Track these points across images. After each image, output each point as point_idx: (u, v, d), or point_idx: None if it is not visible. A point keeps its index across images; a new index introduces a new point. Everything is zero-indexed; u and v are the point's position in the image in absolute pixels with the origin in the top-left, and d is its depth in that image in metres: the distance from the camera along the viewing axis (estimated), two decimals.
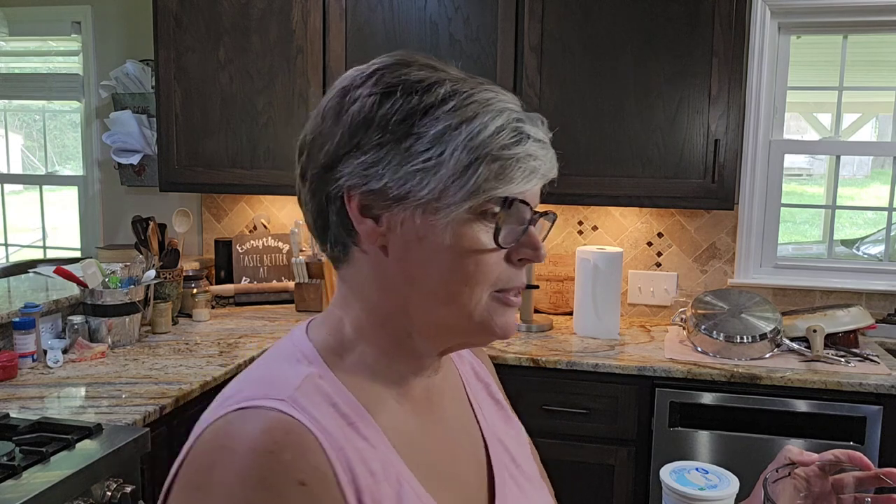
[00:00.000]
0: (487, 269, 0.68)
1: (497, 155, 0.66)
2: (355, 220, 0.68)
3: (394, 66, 0.70)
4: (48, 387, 1.99)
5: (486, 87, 0.69)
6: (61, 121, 3.77)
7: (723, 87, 2.42)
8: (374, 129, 0.66)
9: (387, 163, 0.66)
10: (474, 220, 0.66)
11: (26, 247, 3.85)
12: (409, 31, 2.60)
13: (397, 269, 0.69)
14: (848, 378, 2.14)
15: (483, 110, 0.67)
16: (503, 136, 0.66)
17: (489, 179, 0.66)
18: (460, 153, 0.65)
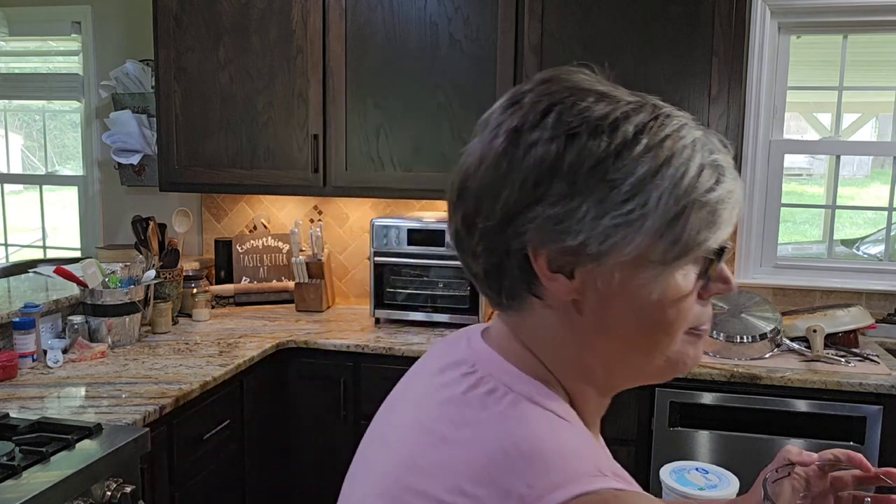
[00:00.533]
0: (688, 314, 0.63)
1: (704, 200, 0.59)
2: (544, 277, 0.61)
3: (568, 98, 0.62)
4: (48, 387, 1.99)
5: (667, 113, 0.62)
6: (61, 121, 3.77)
7: (723, 87, 2.42)
8: (562, 178, 0.58)
9: (581, 216, 0.58)
10: (679, 271, 0.61)
11: (26, 247, 3.85)
12: (409, 31, 2.60)
13: (591, 322, 0.63)
14: (848, 378, 2.14)
15: (678, 147, 0.60)
16: (705, 176, 0.60)
17: (701, 230, 0.59)
18: (666, 202, 0.58)
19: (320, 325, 2.72)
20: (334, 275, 3.12)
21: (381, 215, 2.77)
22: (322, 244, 2.95)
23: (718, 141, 0.64)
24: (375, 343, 2.46)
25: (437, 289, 2.66)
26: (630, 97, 0.63)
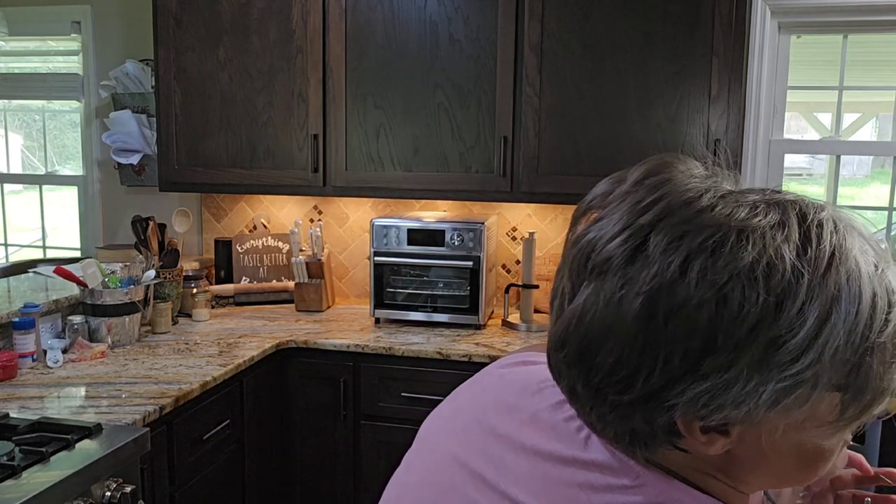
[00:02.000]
0: (833, 457, 0.56)
1: (884, 339, 0.49)
2: (694, 438, 0.53)
3: (703, 241, 0.50)
4: (48, 387, 1.99)
5: (812, 218, 0.51)
6: (61, 121, 3.77)
7: (723, 87, 2.42)
8: (717, 347, 0.49)
9: (742, 385, 0.49)
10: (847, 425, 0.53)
11: (26, 247, 3.85)
12: (409, 31, 2.60)
13: (745, 467, 0.56)
14: None
15: (843, 279, 0.49)
16: (880, 306, 0.50)
17: (885, 373, 0.50)
18: (843, 353, 0.48)
19: (320, 325, 2.72)
20: (334, 275, 3.12)
21: (381, 215, 2.77)
22: (322, 244, 2.95)
23: (867, 232, 0.53)
24: (375, 343, 2.46)
25: (437, 289, 2.66)
26: (770, 214, 0.51)
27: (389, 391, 2.44)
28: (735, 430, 0.52)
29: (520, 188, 2.58)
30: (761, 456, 0.54)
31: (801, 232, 0.50)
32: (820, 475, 0.57)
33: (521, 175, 2.57)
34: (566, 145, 2.54)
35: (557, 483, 0.57)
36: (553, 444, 0.60)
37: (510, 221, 2.97)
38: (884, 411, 0.53)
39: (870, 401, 0.51)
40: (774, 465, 0.55)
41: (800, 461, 0.55)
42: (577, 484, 0.57)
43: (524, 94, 2.53)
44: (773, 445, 0.53)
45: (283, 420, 2.56)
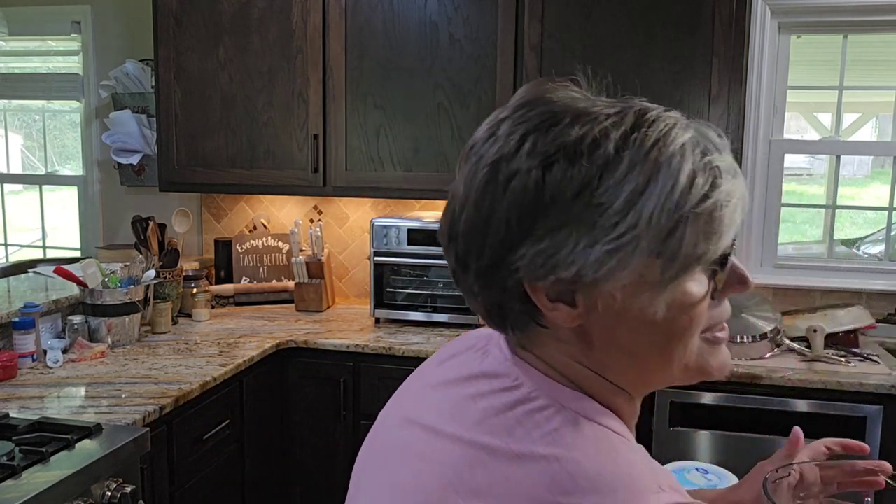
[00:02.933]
0: (701, 318, 0.61)
1: (699, 211, 0.56)
2: (545, 309, 0.59)
3: (543, 123, 0.58)
4: (48, 387, 1.99)
5: (651, 119, 0.60)
6: (61, 121, 3.77)
7: (723, 87, 2.42)
8: (545, 211, 0.56)
9: (572, 247, 0.56)
10: (693, 285, 0.59)
11: (26, 247, 3.85)
12: (409, 31, 2.60)
13: (601, 345, 0.61)
14: (848, 378, 2.14)
15: (664, 157, 0.57)
16: (698, 184, 0.57)
17: (699, 242, 0.57)
18: (658, 219, 0.55)
19: (320, 325, 2.72)
20: (334, 275, 3.12)
21: (381, 215, 2.77)
22: (322, 244, 2.95)
23: (715, 135, 0.61)
24: (375, 343, 2.46)
25: (437, 289, 2.66)
26: (611, 109, 0.60)
27: (389, 391, 2.42)
28: (579, 300, 0.58)
29: None
30: (610, 330, 0.60)
31: (634, 122, 0.58)
32: (678, 360, 0.61)
33: None
34: None
35: (458, 400, 0.63)
36: (460, 370, 0.67)
37: None
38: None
39: (683, 265, 0.57)
40: (625, 342, 0.60)
41: (649, 337, 0.60)
42: (471, 396, 0.63)
43: None
44: (616, 316, 0.59)
45: (283, 420, 2.56)
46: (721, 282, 0.60)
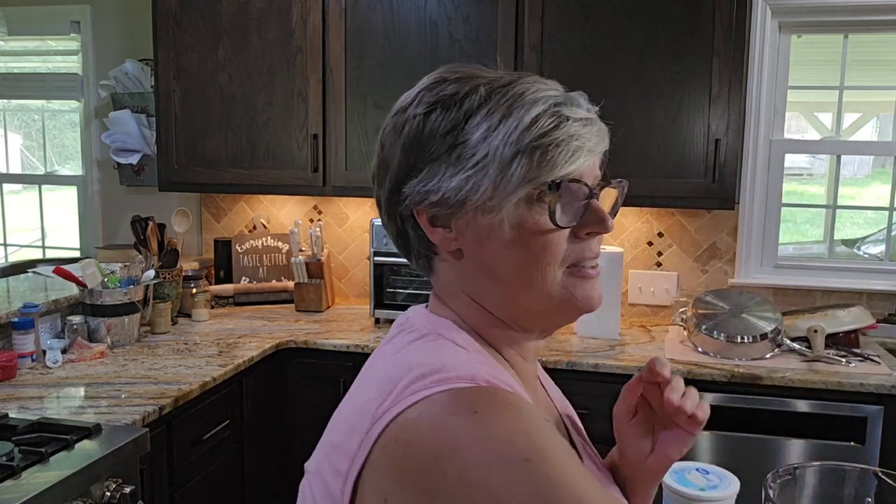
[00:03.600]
0: (554, 248, 0.70)
1: (537, 144, 0.68)
2: (428, 232, 0.72)
3: (433, 84, 0.74)
4: (47, 387, 1.98)
5: (523, 81, 0.72)
6: (60, 120, 3.77)
7: (723, 87, 2.42)
8: (425, 147, 0.71)
9: (441, 175, 0.70)
10: (530, 208, 0.69)
11: (25, 247, 3.85)
12: (409, 31, 2.59)
13: (475, 268, 0.73)
14: (849, 378, 2.14)
15: (518, 104, 0.70)
16: (540, 123, 0.69)
17: (532, 169, 0.68)
18: (502, 150, 0.68)
19: (320, 325, 2.71)
20: (334, 275, 3.12)
21: None
22: (322, 244, 2.95)
23: (583, 98, 0.73)
24: (375, 343, 2.45)
25: None
26: (499, 74, 0.75)
27: None
28: (452, 224, 0.71)
29: None
30: (478, 252, 0.72)
31: (505, 83, 0.72)
32: (538, 286, 0.71)
33: None
34: None
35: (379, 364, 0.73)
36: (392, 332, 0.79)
37: None
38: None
39: (515, 187, 0.68)
40: (490, 263, 0.71)
41: (509, 260, 0.70)
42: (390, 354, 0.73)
43: None
44: (479, 239, 0.71)
45: (283, 420, 2.55)
46: (554, 202, 0.69)
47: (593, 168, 0.73)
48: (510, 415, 0.61)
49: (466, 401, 0.61)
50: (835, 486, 0.98)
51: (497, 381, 0.65)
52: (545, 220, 0.69)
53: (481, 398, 0.62)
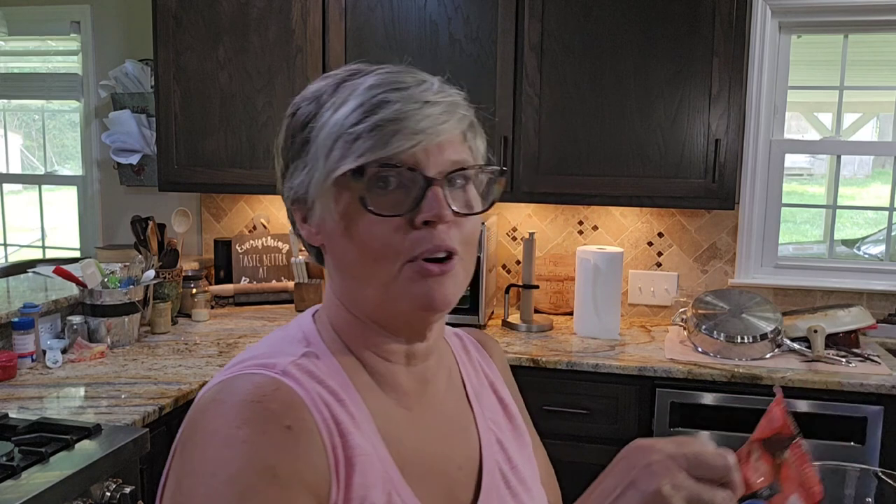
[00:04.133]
0: (386, 240, 0.68)
1: (351, 132, 0.68)
2: (300, 227, 0.76)
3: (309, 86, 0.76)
4: (47, 387, 1.98)
5: (375, 71, 0.73)
6: (60, 120, 3.77)
7: (723, 87, 2.42)
8: (288, 145, 0.75)
9: (297, 171, 0.73)
10: (353, 197, 0.69)
11: (25, 247, 3.85)
12: (409, 31, 2.59)
13: (332, 263, 0.75)
14: (849, 378, 2.14)
15: (352, 94, 0.70)
16: (358, 112, 0.68)
17: (341, 158, 0.68)
18: (325, 141, 0.70)
19: None
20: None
21: None
22: None
23: (434, 83, 0.72)
24: None
25: None
26: (363, 68, 0.75)
27: None
28: (311, 219, 0.74)
29: (520, 188, 2.58)
30: (329, 246, 0.73)
31: (352, 73, 0.74)
32: (377, 279, 0.70)
33: (521, 175, 2.56)
34: (566, 145, 2.54)
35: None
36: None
37: (510, 221, 2.97)
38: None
39: (328, 174, 0.69)
40: (337, 256, 0.73)
41: (349, 252, 0.70)
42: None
43: (524, 93, 2.53)
44: (326, 232, 0.72)
45: None
46: (362, 189, 0.68)
47: (440, 153, 0.69)
48: (231, 414, 0.63)
49: (225, 387, 0.67)
50: (835, 486, 0.97)
51: (291, 377, 0.68)
52: (362, 208, 0.68)
53: (234, 389, 0.66)
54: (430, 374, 0.79)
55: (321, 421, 0.66)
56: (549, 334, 2.61)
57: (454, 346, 0.88)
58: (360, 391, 0.72)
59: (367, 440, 0.69)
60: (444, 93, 0.71)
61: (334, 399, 0.69)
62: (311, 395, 0.68)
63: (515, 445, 0.86)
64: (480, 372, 0.89)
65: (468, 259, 0.73)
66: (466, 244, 0.72)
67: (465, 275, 0.73)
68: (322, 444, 0.65)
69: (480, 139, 0.77)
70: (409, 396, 0.76)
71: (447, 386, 0.82)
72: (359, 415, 0.70)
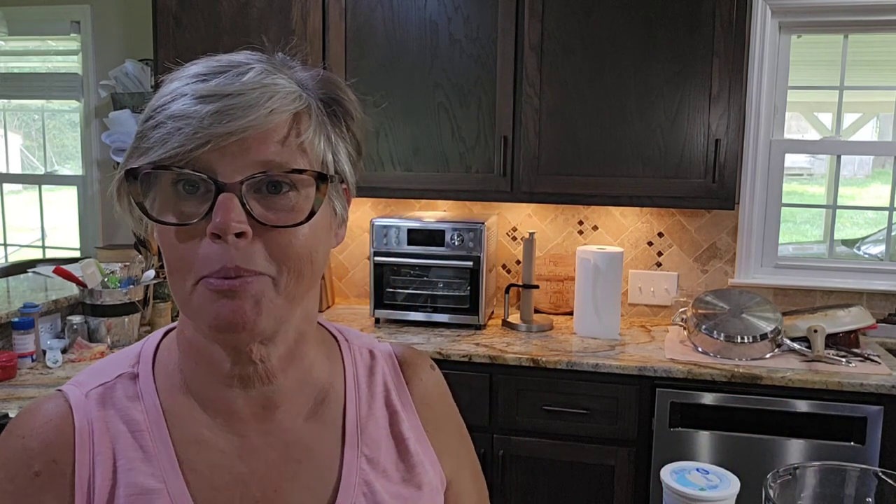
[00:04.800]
0: (179, 252, 0.62)
1: (140, 130, 0.62)
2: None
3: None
4: (47, 387, 1.98)
5: (197, 62, 0.65)
6: (60, 120, 3.77)
7: (723, 87, 2.42)
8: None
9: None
10: (139, 201, 0.64)
11: (25, 247, 3.85)
12: (409, 31, 2.59)
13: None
14: (849, 378, 2.14)
15: (162, 88, 0.63)
16: (150, 109, 0.62)
17: (128, 157, 0.62)
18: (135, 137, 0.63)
19: None
20: (334, 275, 3.12)
21: (381, 215, 2.76)
22: None
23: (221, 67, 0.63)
24: None
25: (437, 289, 2.66)
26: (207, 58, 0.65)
27: None
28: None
29: (520, 188, 2.58)
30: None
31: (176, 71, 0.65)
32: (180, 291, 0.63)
33: (521, 175, 2.57)
34: (566, 145, 2.54)
35: None
36: None
37: (510, 221, 2.97)
38: None
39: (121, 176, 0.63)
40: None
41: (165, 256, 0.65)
42: None
43: (524, 94, 2.53)
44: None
45: None
46: (135, 194, 0.62)
47: (243, 154, 0.60)
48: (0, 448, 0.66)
49: (26, 410, 0.68)
50: (835, 486, 0.97)
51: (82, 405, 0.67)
52: (154, 216, 0.63)
53: (25, 413, 0.68)
54: (279, 398, 0.70)
55: (88, 460, 0.64)
56: (549, 334, 2.61)
57: (357, 364, 0.79)
58: (171, 417, 0.67)
59: (154, 475, 0.65)
60: (257, 82, 0.61)
61: (128, 430, 0.66)
62: (93, 427, 0.65)
63: (394, 491, 0.73)
64: (380, 400, 0.78)
65: (290, 279, 0.63)
66: (286, 261, 0.62)
67: (283, 298, 0.63)
68: (71, 488, 0.63)
69: (326, 135, 0.68)
70: (244, 423, 0.69)
71: (311, 413, 0.73)
72: (155, 447, 0.66)
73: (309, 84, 0.68)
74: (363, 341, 0.84)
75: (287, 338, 0.69)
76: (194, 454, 0.67)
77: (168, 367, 0.70)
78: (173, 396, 0.69)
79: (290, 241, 0.62)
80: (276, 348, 0.69)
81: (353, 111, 0.74)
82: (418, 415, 0.79)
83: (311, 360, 0.74)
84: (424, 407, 0.80)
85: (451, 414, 0.84)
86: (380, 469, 0.73)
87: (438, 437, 0.79)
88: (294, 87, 0.64)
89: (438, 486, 0.77)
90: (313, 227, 0.64)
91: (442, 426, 0.81)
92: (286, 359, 0.70)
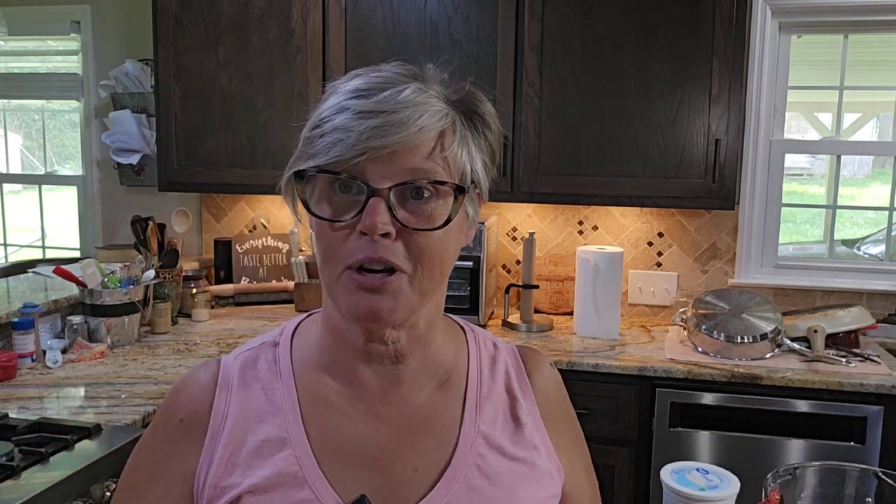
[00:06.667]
0: (330, 243, 0.71)
1: (308, 135, 0.72)
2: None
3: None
4: (47, 387, 1.98)
5: (358, 75, 0.75)
6: (60, 120, 3.77)
7: (723, 87, 2.42)
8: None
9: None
10: (304, 196, 0.74)
11: (25, 247, 3.85)
12: (409, 31, 2.59)
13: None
14: (849, 378, 2.14)
15: (327, 99, 0.73)
16: (320, 115, 0.71)
17: (296, 159, 0.73)
18: (301, 141, 0.74)
19: None
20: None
21: None
22: None
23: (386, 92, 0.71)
24: None
25: None
26: (364, 70, 0.77)
27: None
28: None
29: (520, 188, 2.58)
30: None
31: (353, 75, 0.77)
32: (326, 279, 0.73)
33: (521, 175, 2.57)
34: (566, 145, 2.54)
35: None
36: None
37: (510, 221, 2.97)
38: None
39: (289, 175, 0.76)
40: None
41: (317, 250, 0.74)
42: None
43: (524, 94, 2.53)
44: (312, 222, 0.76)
45: None
46: (301, 192, 0.73)
47: (393, 163, 0.68)
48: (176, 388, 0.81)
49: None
50: (835, 486, 0.98)
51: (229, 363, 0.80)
52: (315, 211, 0.72)
53: (191, 370, 0.82)
54: (406, 375, 0.78)
55: (224, 408, 0.77)
56: (549, 334, 2.61)
57: (481, 352, 0.86)
58: (301, 380, 0.78)
59: (280, 427, 0.75)
60: (410, 101, 0.69)
61: (261, 387, 0.78)
62: (233, 383, 0.78)
63: (507, 467, 0.79)
64: (501, 385, 0.84)
65: (424, 276, 0.71)
66: (421, 260, 0.70)
67: (417, 293, 0.71)
68: (205, 432, 0.76)
69: (467, 148, 0.74)
70: (369, 392, 0.78)
71: (434, 391, 0.80)
72: (284, 403, 0.77)
73: (454, 98, 0.76)
74: (488, 335, 0.90)
75: (417, 325, 0.77)
76: (319, 413, 0.76)
77: (307, 340, 0.81)
78: (307, 364, 0.79)
79: (427, 242, 0.70)
80: (406, 333, 0.77)
81: (491, 123, 0.79)
82: (538, 406, 0.85)
83: (437, 346, 0.81)
84: (544, 400, 0.86)
85: (569, 412, 0.92)
86: (495, 444, 0.79)
87: (556, 432, 0.86)
88: (442, 104, 0.73)
89: (553, 473, 0.82)
90: (447, 230, 0.71)
91: (560, 423, 0.88)
92: (415, 342, 0.78)
